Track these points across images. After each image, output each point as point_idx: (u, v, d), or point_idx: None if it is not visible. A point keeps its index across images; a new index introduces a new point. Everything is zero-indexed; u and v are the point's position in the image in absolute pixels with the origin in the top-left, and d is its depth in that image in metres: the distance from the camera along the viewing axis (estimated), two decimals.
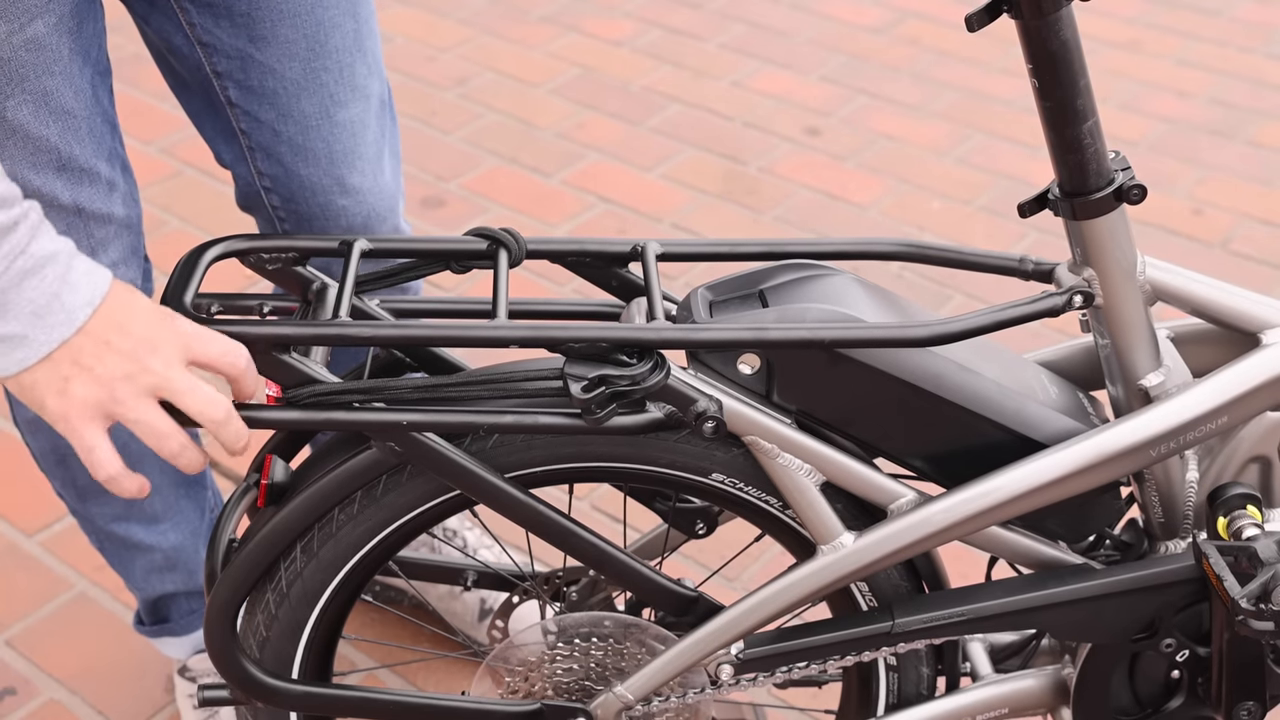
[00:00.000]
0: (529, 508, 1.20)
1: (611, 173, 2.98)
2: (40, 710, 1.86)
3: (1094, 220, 1.15)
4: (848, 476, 1.21)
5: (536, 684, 1.36)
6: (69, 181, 1.33)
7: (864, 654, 1.28)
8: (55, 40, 1.26)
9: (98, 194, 1.36)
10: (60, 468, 1.57)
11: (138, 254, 1.45)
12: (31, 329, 1.04)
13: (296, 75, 1.43)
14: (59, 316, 1.05)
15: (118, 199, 1.38)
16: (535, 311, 1.28)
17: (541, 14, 3.59)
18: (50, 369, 1.06)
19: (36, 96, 1.27)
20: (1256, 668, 1.27)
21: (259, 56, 1.41)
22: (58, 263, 1.05)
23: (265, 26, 1.40)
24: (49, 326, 1.05)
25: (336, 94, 1.46)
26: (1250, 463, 1.27)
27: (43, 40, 1.25)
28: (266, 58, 1.41)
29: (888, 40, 3.46)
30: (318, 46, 1.43)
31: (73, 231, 1.36)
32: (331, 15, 1.42)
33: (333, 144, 1.48)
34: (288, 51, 1.42)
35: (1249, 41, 3.42)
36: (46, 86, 1.27)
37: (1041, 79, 1.10)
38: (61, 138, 1.30)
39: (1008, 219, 2.81)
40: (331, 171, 1.50)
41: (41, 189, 1.32)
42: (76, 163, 1.32)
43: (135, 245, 1.44)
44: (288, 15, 1.40)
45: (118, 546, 1.67)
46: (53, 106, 1.28)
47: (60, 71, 1.27)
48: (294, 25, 1.41)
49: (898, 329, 1.15)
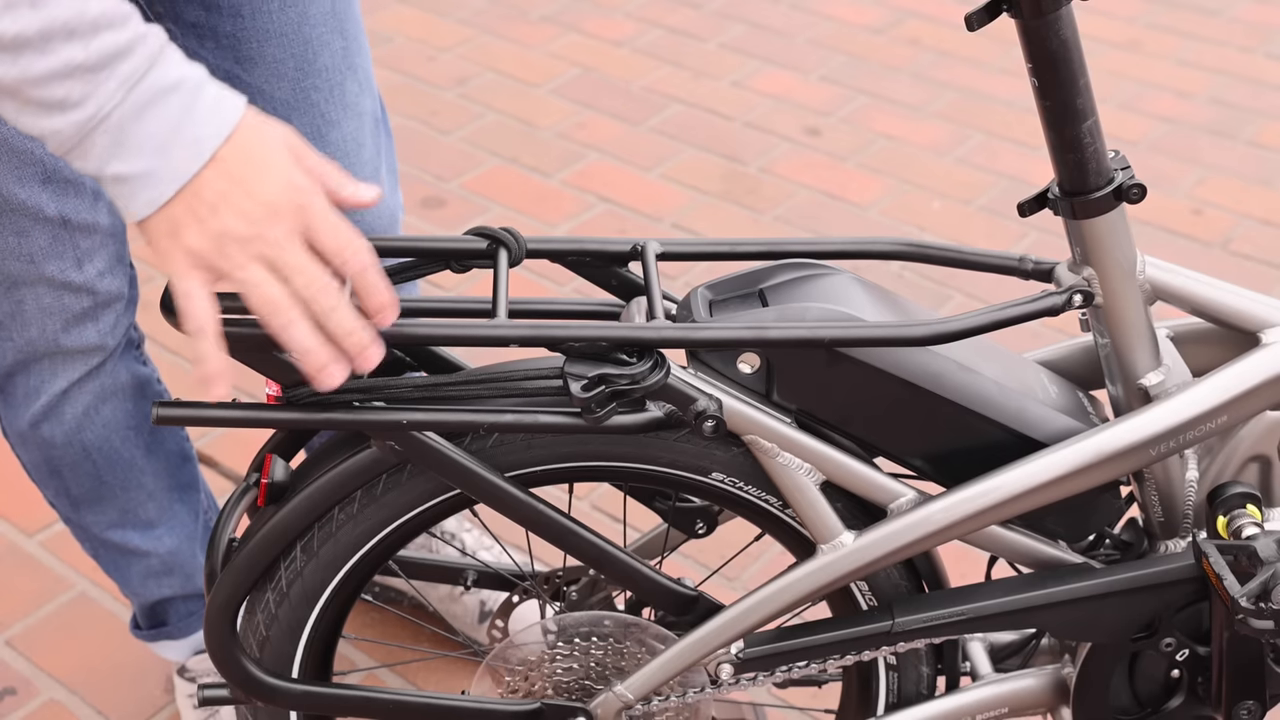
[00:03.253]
0: (529, 507, 1.20)
1: (611, 173, 2.98)
2: (40, 710, 1.86)
3: (1094, 219, 1.15)
4: (847, 476, 1.21)
5: (536, 683, 1.36)
6: (55, 193, 1.33)
7: (864, 653, 1.28)
8: None
9: (83, 204, 1.36)
10: (53, 478, 1.57)
11: (123, 261, 1.45)
12: (157, 164, 0.95)
13: (286, 96, 1.41)
14: (185, 150, 0.95)
15: (103, 207, 1.38)
16: (535, 311, 1.28)
17: (541, 14, 3.59)
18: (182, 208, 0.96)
19: None
20: (1256, 667, 1.27)
21: (246, 78, 1.39)
22: (181, 92, 0.95)
23: (252, 47, 1.38)
24: (175, 160, 0.95)
25: (328, 113, 1.45)
26: (1250, 462, 1.27)
27: None
28: (254, 79, 1.40)
29: (888, 40, 3.46)
30: (306, 66, 1.41)
31: (58, 243, 1.36)
32: (319, 33, 1.41)
33: None
34: (276, 72, 1.40)
35: (1249, 41, 3.42)
36: None
37: (1041, 78, 1.10)
38: (46, 150, 1.29)
39: (1008, 219, 2.81)
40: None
41: (27, 201, 1.32)
42: (61, 173, 1.32)
43: (120, 253, 1.43)
44: (274, 35, 1.38)
45: (113, 553, 1.66)
46: None
47: None
48: (281, 45, 1.39)
49: (897, 328, 1.15)
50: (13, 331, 1.41)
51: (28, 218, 1.33)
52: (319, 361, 1.00)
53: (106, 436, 1.53)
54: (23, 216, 1.33)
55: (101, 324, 1.44)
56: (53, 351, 1.43)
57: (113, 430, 1.53)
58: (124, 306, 1.46)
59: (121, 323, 1.47)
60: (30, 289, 1.38)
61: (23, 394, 1.47)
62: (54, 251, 1.36)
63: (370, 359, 1.01)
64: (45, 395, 1.47)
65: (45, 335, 1.41)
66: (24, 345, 1.42)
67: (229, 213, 0.96)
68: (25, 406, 1.48)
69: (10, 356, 1.44)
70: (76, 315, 1.41)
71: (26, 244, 1.35)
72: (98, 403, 1.49)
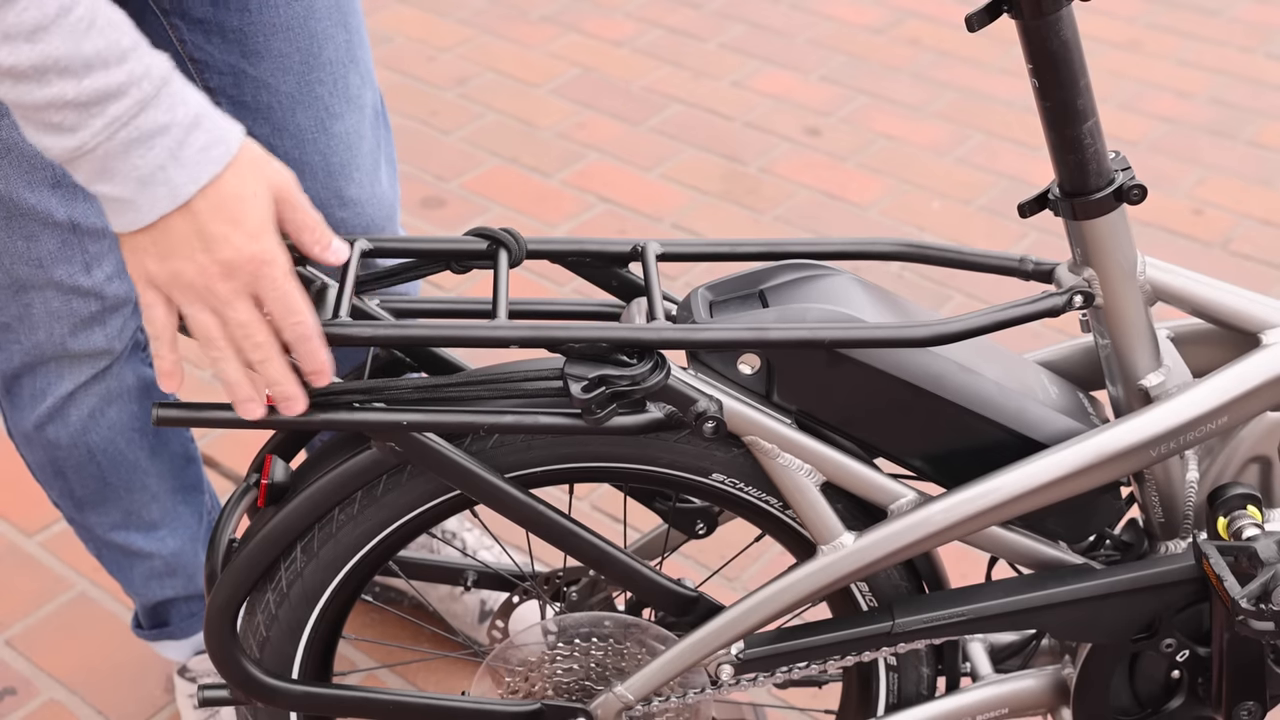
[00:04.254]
0: (529, 508, 1.20)
1: (611, 173, 2.98)
2: (40, 710, 1.86)
3: (1094, 220, 1.15)
4: (848, 476, 1.20)
5: (536, 684, 1.36)
6: (64, 198, 1.33)
7: (864, 654, 1.28)
8: None
9: (92, 209, 1.36)
10: (57, 479, 1.57)
11: None
12: (137, 195, 0.99)
13: (291, 89, 1.42)
14: (162, 189, 0.99)
15: None
16: (535, 311, 1.28)
17: (541, 14, 3.59)
18: (148, 240, 1.02)
19: None
20: (1256, 668, 1.27)
21: (252, 72, 1.40)
22: (169, 136, 0.99)
23: (258, 41, 1.38)
24: (152, 198, 0.99)
25: (331, 106, 1.45)
26: (1250, 463, 1.27)
27: None
28: (260, 73, 1.40)
29: (888, 40, 3.46)
30: (311, 59, 1.42)
31: (67, 248, 1.36)
32: (324, 27, 1.41)
33: (329, 157, 1.48)
34: (281, 65, 1.40)
35: (1249, 41, 3.42)
36: None
37: (1041, 79, 1.10)
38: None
39: (1008, 219, 2.81)
40: (329, 185, 1.49)
41: (36, 205, 1.32)
42: (71, 179, 1.32)
43: None
44: (280, 29, 1.39)
45: (116, 554, 1.66)
46: None
47: None
48: (286, 39, 1.39)
49: (898, 329, 1.15)
50: (20, 334, 1.41)
51: (37, 222, 1.33)
52: (241, 395, 1.08)
53: (111, 439, 1.53)
54: (32, 221, 1.33)
55: (109, 328, 1.44)
56: (59, 355, 1.43)
57: (118, 432, 1.53)
58: (131, 310, 1.46)
59: (129, 326, 1.47)
60: (38, 292, 1.38)
61: (29, 395, 1.48)
62: (62, 256, 1.36)
63: (292, 409, 1.09)
64: (51, 397, 1.47)
65: (52, 338, 1.42)
66: (31, 348, 1.42)
67: (185, 261, 1.02)
68: (31, 408, 1.48)
69: (17, 359, 1.44)
70: (84, 319, 1.41)
71: (35, 248, 1.35)
72: (103, 405, 1.49)
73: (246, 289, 1.03)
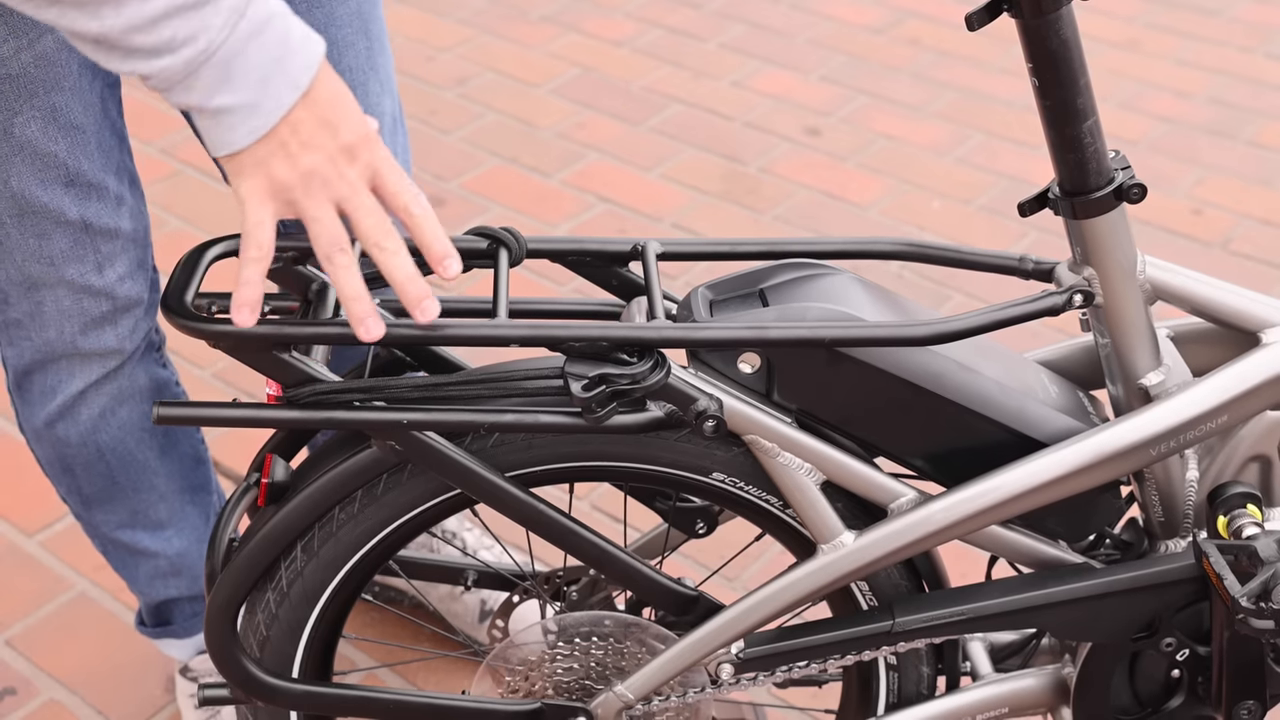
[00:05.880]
0: (529, 507, 1.21)
1: (611, 173, 2.98)
2: (40, 710, 1.86)
3: (1094, 219, 1.15)
4: (848, 476, 1.21)
5: (537, 683, 1.36)
6: (77, 197, 1.33)
7: (864, 653, 1.28)
8: (64, 56, 1.26)
9: (105, 209, 1.36)
10: (66, 476, 1.57)
11: (145, 267, 1.44)
12: (259, 96, 0.99)
13: None
14: (282, 81, 1.00)
15: (125, 213, 1.38)
16: (536, 310, 1.28)
17: (541, 14, 3.59)
18: (276, 141, 1.02)
19: (45, 112, 1.27)
20: (1256, 667, 1.27)
21: None
22: (276, 24, 0.99)
23: None
24: (275, 93, 1.00)
25: None
26: (1250, 462, 1.27)
27: (52, 56, 1.25)
28: None
29: (888, 40, 3.46)
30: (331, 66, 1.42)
31: (79, 247, 1.36)
32: (345, 34, 1.41)
33: None
34: None
35: (1249, 41, 3.42)
36: (55, 102, 1.27)
37: (1041, 78, 1.10)
38: (70, 153, 1.30)
39: (1008, 219, 2.81)
40: None
41: (49, 204, 1.32)
42: (84, 177, 1.32)
43: (142, 259, 1.44)
44: None
45: (122, 552, 1.66)
46: (61, 122, 1.28)
47: (69, 87, 1.27)
48: None
49: (898, 328, 1.15)
50: (31, 332, 1.42)
51: (49, 220, 1.33)
52: (362, 309, 1.05)
53: (121, 438, 1.53)
54: (44, 219, 1.33)
55: (120, 328, 1.44)
56: (70, 353, 1.43)
57: (128, 432, 1.53)
58: (144, 311, 1.46)
59: (141, 327, 1.47)
60: (50, 291, 1.38)
61: (39, 393, 1.48)
62: (74, 255, 1.36)
63: (428, 311, 1.07)
64: (61, 395, 1.47)
65: (63, 337, 1.42)
66: (42, 345, 1.43)
67: (317, 151, 1.02)
68: (41, 405, 1.49)
69: (28, 356, 1.44)
70: (95, 319, 1.42)
71: (47, 246, 1.35)
72: (114, 405, 1.50)
73: (368, 171, 1.04)
